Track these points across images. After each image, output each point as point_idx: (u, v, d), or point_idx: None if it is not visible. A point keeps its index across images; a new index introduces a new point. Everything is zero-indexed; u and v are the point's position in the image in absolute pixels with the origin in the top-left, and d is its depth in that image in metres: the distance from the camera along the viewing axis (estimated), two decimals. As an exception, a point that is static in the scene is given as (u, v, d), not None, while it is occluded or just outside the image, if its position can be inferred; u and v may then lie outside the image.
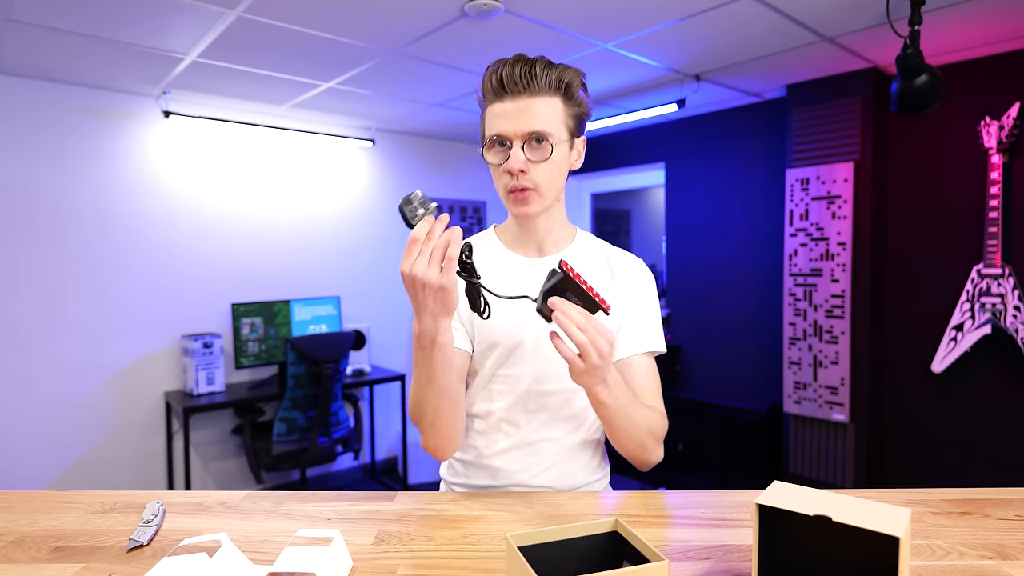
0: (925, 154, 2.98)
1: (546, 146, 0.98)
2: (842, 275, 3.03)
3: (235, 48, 2.54)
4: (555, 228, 1.11)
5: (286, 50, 2.57)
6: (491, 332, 1.06)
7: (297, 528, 0.90)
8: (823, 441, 3.16)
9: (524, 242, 1.11)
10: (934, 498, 0.99)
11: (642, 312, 1.10)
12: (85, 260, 3.11)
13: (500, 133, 0.98)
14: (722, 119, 3.77)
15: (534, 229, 1.09)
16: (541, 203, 1.02)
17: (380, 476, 4.14)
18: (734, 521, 0.92)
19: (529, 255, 1.11)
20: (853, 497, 0.69)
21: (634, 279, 1.12)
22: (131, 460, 3.27)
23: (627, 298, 1.10)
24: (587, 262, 1.11)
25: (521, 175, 0.98)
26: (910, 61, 2.10)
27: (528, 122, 0.97)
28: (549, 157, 0.99)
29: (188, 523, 0.92)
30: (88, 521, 0.93)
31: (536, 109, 0.97)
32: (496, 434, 1.09)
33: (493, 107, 1.00)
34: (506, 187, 1.01)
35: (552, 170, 1.01)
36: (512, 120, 0.97)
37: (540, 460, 1.07)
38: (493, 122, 0.99)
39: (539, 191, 1.01)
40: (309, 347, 3.08)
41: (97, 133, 3.13)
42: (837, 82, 3.06)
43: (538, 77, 0.97)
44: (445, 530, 0.89)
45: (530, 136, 0.97)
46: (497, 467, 1.09)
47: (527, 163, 0.98)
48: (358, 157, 4.11)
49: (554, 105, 0.99)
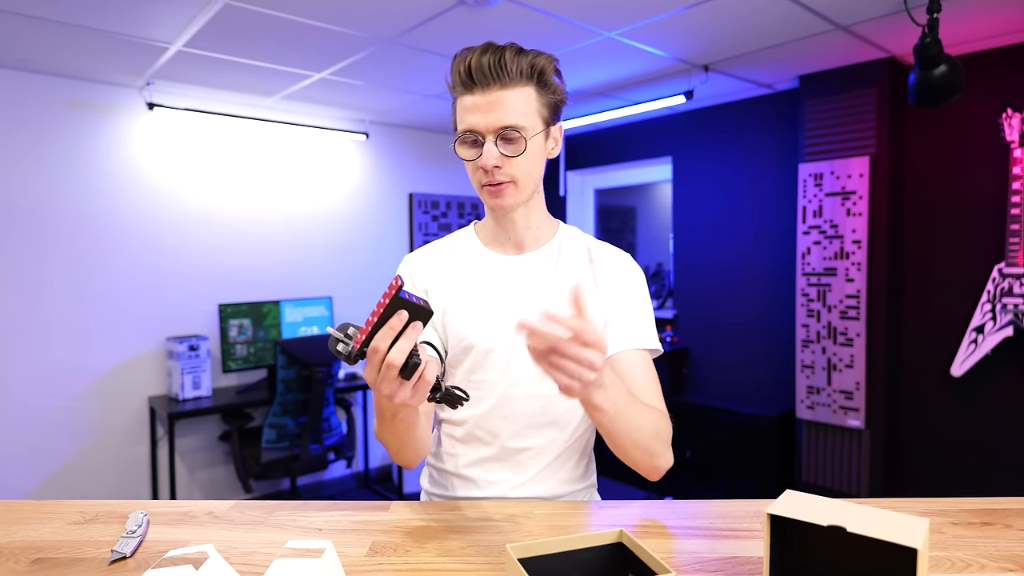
0: (944, 148, 2.97)
1: (519, 140, 0.98)
2: (857, 274, 3.03)
3: (222, 37, 2.54)
4: (535, 223, 1.10)
5: (276, 39, 2.57)
6: (464, 336, 1.06)
7: (287, 539, 0.90)
8: (837, 448, 3.16)
9: (502, 239, 1.11)
10: (953, 507, 0.99)
11: (630, 307, 1.08)
12: (65, 258, 3.11)
13: (471, 128, 0.97)
14: (732, 111, 3.77)
15: (511, 225, 1.09)
16: (518, 195, 1.02)
17: (374, 485, 4.14)
18: (745, 532, 0.91)
19: (507, 252, 1.11)
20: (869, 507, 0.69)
21: (619, 273, 1.10)
22: (113, 468, 3.27)
23: (612, 293, 1.08)
24: (568, 257, 1.10)
25: (496, 170, 0.99)
26: (928, 51, 2.09)
27: (500, 116, 0.96)
28: (524, 152, 0.98)
29: (173, 534, 0.92)
30: (69, 532, 0.93)
31: (508, 101, 0.96)
32: (473, 442, 1.09)
33: (463, 99, 0.99)
34: (480, 182, 1.02)
35: (528, 162, 1.00)
36: (483, 114, 0.96)
37: (520, 470, 1.07)
38: (463, 116, 0.99)
39: (516, 184, 1.01)
40: (300, 350, 3.08)
41: (78, 126, 3.13)
42: (852, 73, 3.06)
43: (508, 66, 0.96)
44: (442, 541, 0.89)
45: (503, 130, 0.97)
46: (475, 478, 1.09)
47: (501, 158, 0.98)
48: (351, 151, 4.11)
49: (527, 95, 0.98)
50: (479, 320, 1.06)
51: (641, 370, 1.03)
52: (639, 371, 1.03)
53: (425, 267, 1.13)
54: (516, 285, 1.08)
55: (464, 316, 1.07)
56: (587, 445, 1.14)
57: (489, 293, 1.08)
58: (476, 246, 1.13)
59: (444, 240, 1.18)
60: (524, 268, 1.09)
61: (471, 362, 1.07)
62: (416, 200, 4.40)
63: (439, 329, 1.09)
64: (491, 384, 1.06)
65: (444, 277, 1.11)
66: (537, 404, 1.06)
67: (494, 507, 1.02)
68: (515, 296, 1.07)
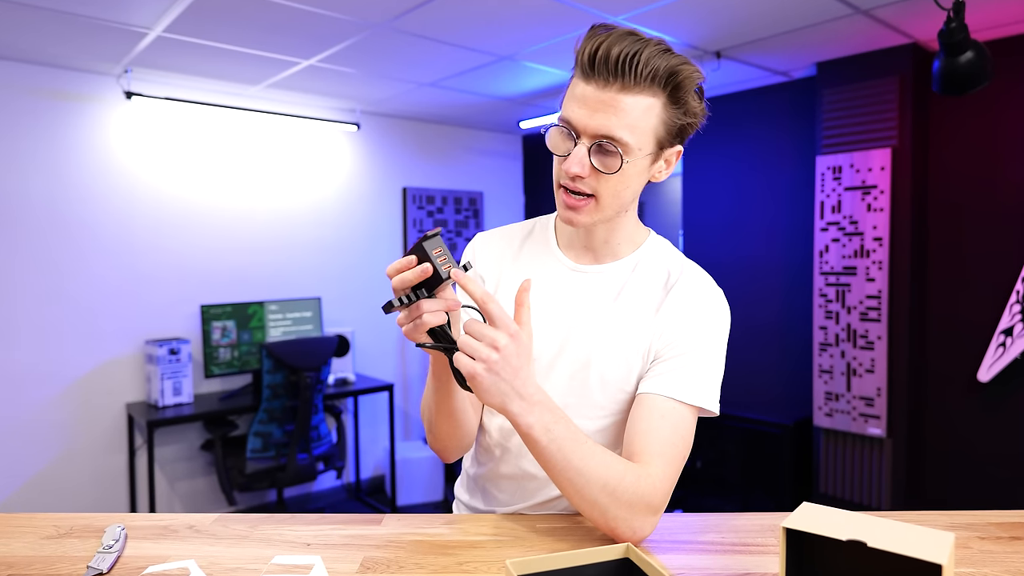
0: (971, 139, 2.98)
1: (615, 158, 0.88)
2: (878, 274, 3.03)
3: (205, 21, 2.54)
4: (615, 240, 1.03)
5: (261, 23, 2.57)
6: None
7: (274, 555, 0.90)
8: (857, 457, 3.16)
9: (576, 245, 1.06)
10: (980, 521, 0.99)
11: (688, 350, 0.96)
12: (37, 257, 3.11)
13: (570, 120, 0.89)
14: (745, 101, 3.77)
15: (587, 234, 1.03)
16: (595, 215, 0.94)
17: (366, 497, 4.14)
18: (758, 547, 0.91)
19: (580, 261, 1.05)
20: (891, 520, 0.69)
21: (694, 309, 0.98)
22: (89, 479, 3.27)
23: (674, 328, 0.97)
24: (642, 279, 1.03)
25: (578, 180, 0.91)
26: (954, 36, 2.09)
27: (605, 122, 0.87)
28: (617, 172, 0.89)
29: (153, 549, 0.92)
30: (42, 547, 0.93)
31: (622, 108, 0.86)
32: (496, 454, 1.09)
33: (577, 84, 0.90)
34: (558, 180, 0.95)
35: (620, 183, 0.92)
36: (589, 111, 0.87)
37: (535, 493, 1.06)
38: (569, 102, 0.90)
39: (598, 202, 0.93)
40: (287, 354, 3.08)
41: (51, 116, 3.13)
42: (873, 60, 3.06)
43: (640, 66, 0.85)
44: (438, 557, 0.89)
45: (602, 139, 0.88)
46: (492, 493, 1.10)
47: (589, 168, 0.89)
48: (341, 143, 4.11)
49: (649, 107, 0.88)
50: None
51: (659, 420, 0.91)
52: (656, 420, 0.91)
53: (489, 253, 1.11)
54: (576, 299, 1.03)
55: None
56: None
57: (544, 301, 1.04)
58: (549, 244, 1.09)
59: (521, 226, 1.15)
60: (588, 284, 1.03)
61: None
62: (411, 195, 4.40)
63: None
64: None
65: (506, 270, 1.09)
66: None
67: (493, 520, 1.02)
68: (570, 311, 1.03)
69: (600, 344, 0.99)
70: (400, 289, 0.82)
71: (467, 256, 1.13)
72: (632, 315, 1.00)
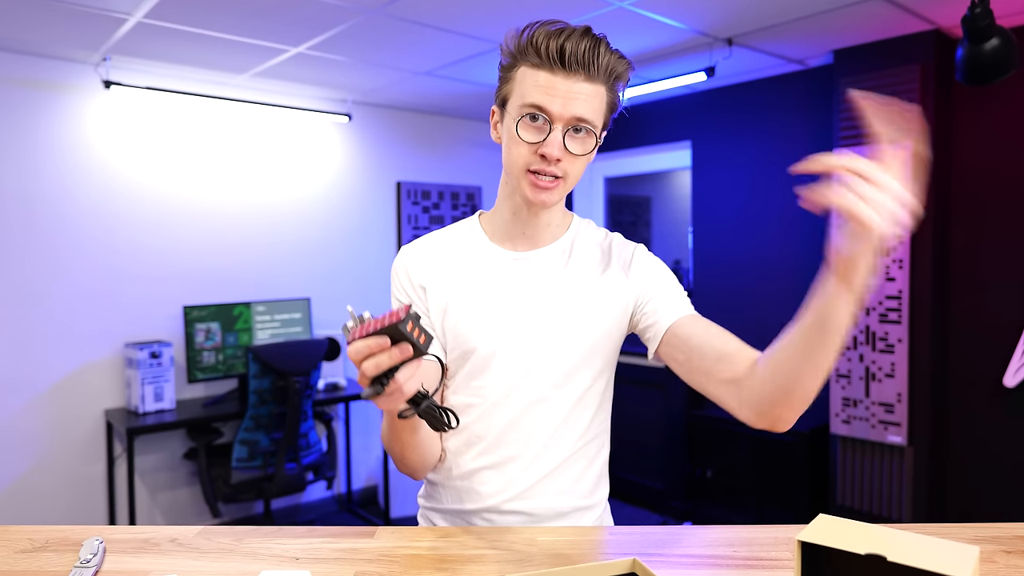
0: (996, 131, 2.98)
1: (588, 138, 1.03)
2: (899, 273, 3.03)
3: (187, 7, 2.54)
4: (555, 220, 1.16)
5: (248, 9, 2.57)
6: (464, 340, 1.09)
7: (260, 569, 0.90)
8: (876, 467, 3.16)
9: (514, 234, 1.14)
10: (1007, 534, 0.99)
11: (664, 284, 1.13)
12: (9, 255, 3.11)
13: (544, 107, 1.00)
14: (758, 90, 3.77)
15: (533, 219, 1.12)
16: (562, 194, 1.07)
17: (357, 508, 4.14)
18: (772, 561, 0.92)
19: (517, 249, 1.14)
20: (911, 533, 0.69)
21: (643, 260, 1.16)
22: (65, 490, 3.27)
23: (641, 276, 1.13)
24: (582, 252, 1.15)
25: (555, 163, 1.02)
26: (979, 22, 2.09)
27: (577, 107, 1.00)
28: (589, 152, 1.04)
29: (133, 563, 0.92)
30: (16, 561, 0.93)
31: (588, 95, 1.01)
32: (469, 451, 1.11)
33: (538, 74, 1.01)
34: (527, 166, 1.03)
35: (584, 163, 1.06)
36: (562, 100, 1.00)
37: (515, 481, 1.09)
38: (535, 91, 1.00)
39: (565, 182, 1.05)
40: (275, 357, 3.08)
41: (25, 106, 3.13)
42: (893, 47, 3.06)
43: (600, 61, 1.01)
44: (433, 571, 0.89)
45: (577, 122, 1.01)
46: (466, 488, 1.11)
47: (565, 152, 1.01)
48: (332, 134, 4.11)
49: (601, 95, 1.03)
50: (482, 322, 1.09)
51: (708, 326, 1.07)
52: (707, 328, 1.07)
53: (423, 261, 1.15)
54: (523, 284, 1.11)
55: (465, 318, 1.10)
56: (595, 456, 1.15)
57: (493, 293, 1.10)
58: (481, 240, 1.16)
59: (445, 231, 1.21)
60: (533, 265, 1.13)
61: (471, 367, 1.10)
62: (405, 190, 4.40)
63: (438, 331, 1.12)
64: (492, 390, 1.09)
65: (444, 273, 1.14)
66: (541, 411, 1.09)
67: (492, 533, 1.02)
68: (522, 296, 1.10)
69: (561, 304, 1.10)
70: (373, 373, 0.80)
71: (396, 275, 1.16)
72: (586, 275, 1.12)
